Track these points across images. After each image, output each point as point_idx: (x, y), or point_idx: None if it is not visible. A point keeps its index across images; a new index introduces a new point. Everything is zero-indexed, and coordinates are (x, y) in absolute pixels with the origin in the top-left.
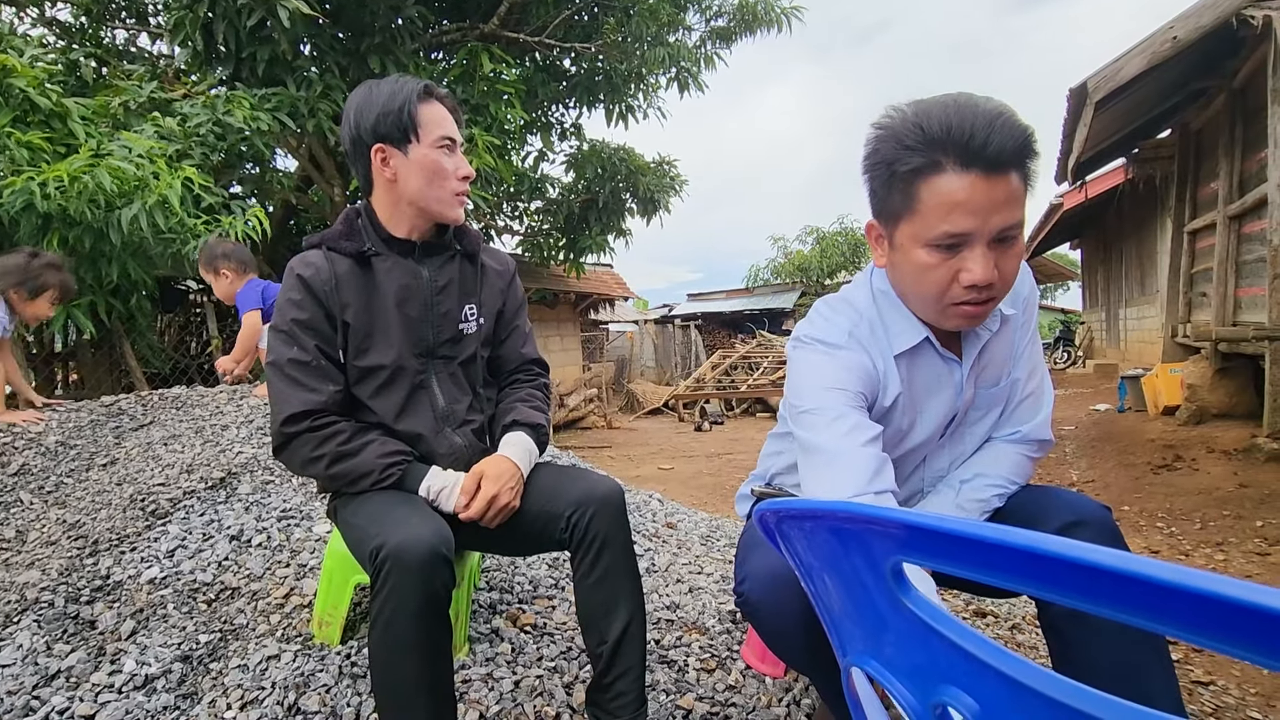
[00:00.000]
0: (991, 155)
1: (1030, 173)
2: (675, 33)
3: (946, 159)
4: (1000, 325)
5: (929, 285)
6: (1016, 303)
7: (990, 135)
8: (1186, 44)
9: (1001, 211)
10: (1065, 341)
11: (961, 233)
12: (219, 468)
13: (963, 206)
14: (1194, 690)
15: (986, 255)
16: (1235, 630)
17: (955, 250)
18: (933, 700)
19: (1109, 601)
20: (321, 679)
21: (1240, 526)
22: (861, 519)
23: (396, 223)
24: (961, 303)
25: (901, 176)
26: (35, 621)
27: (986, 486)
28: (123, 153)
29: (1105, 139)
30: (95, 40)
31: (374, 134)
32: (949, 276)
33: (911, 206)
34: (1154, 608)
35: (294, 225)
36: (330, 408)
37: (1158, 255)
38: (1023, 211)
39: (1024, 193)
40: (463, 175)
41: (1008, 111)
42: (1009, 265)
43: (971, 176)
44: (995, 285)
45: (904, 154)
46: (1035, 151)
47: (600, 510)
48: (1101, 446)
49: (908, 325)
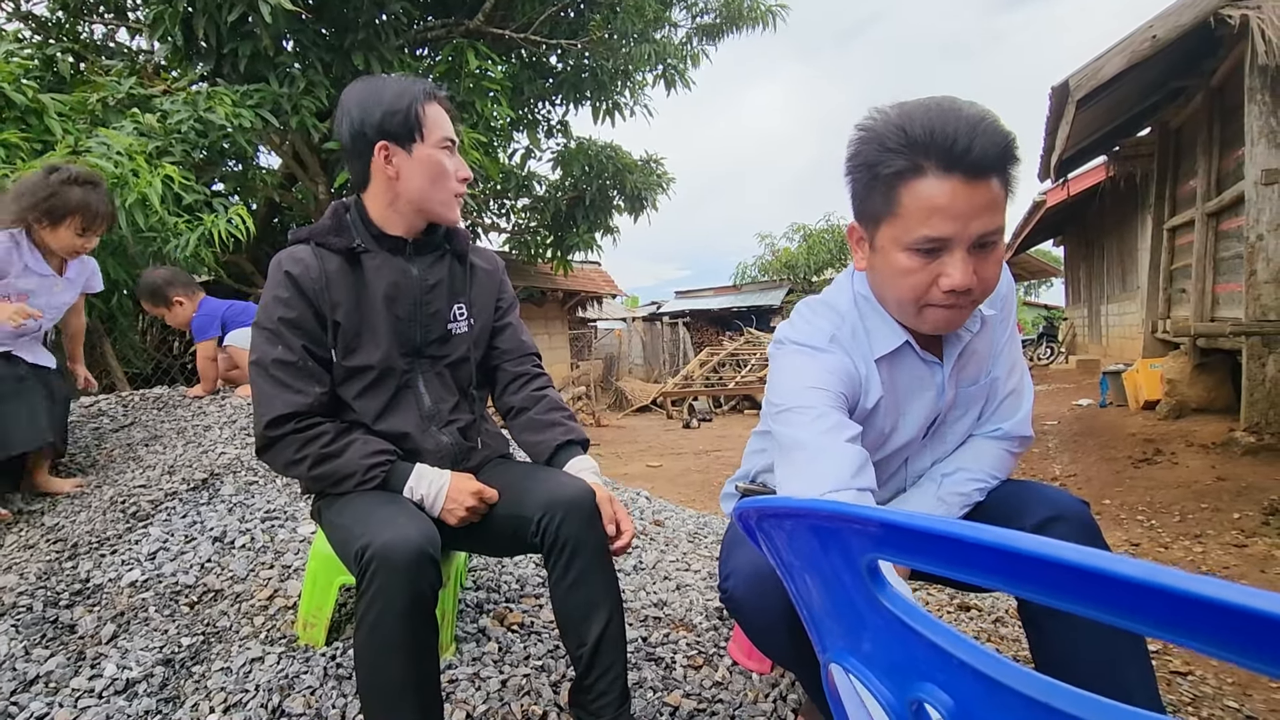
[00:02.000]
0: (973, 161)
1: (1011, 178)
2: (661, 29)
3: (928, 163)
4: (981, 326)
5: (907, 289)
6: (995, 302)
7: (973, 140)
8: (1166, 43)
9: (982, 217)
10: (1048, 337)
11: (941, 237)
12: (201, 469)
13: (943, 211)
14: (1172, 680)
15: (966, 260)
16: (1209, 629)
17: (935, 255)
18: (909, 697)
19: (1083, 599)
20: (306, 681)
21: (1218, 519)
22: (840, 517)
23: (391, 220)
24: (939, 305)
25: (883, 179)
26: (13, 626)
27: (968, 480)
28: (101, 150)
29: (1087, 137)
30: (72, 35)
31: (379, 130)
32: (928, 281)
33: (892, 209)
34: (1127, 606)
35: (278, 223)
36: (315, 409)
37: (1138, 252)
38: (1003, 217)
39: (1005, 198)
40: (462, 177)
41: (990, 117)
42: (988, 271)
43: (953, 181)
44: (974, 290)
45: (886, 156)
46: (1016, 158)
47: (569, 514)
48: (1084, 441)
49: (888, 329)
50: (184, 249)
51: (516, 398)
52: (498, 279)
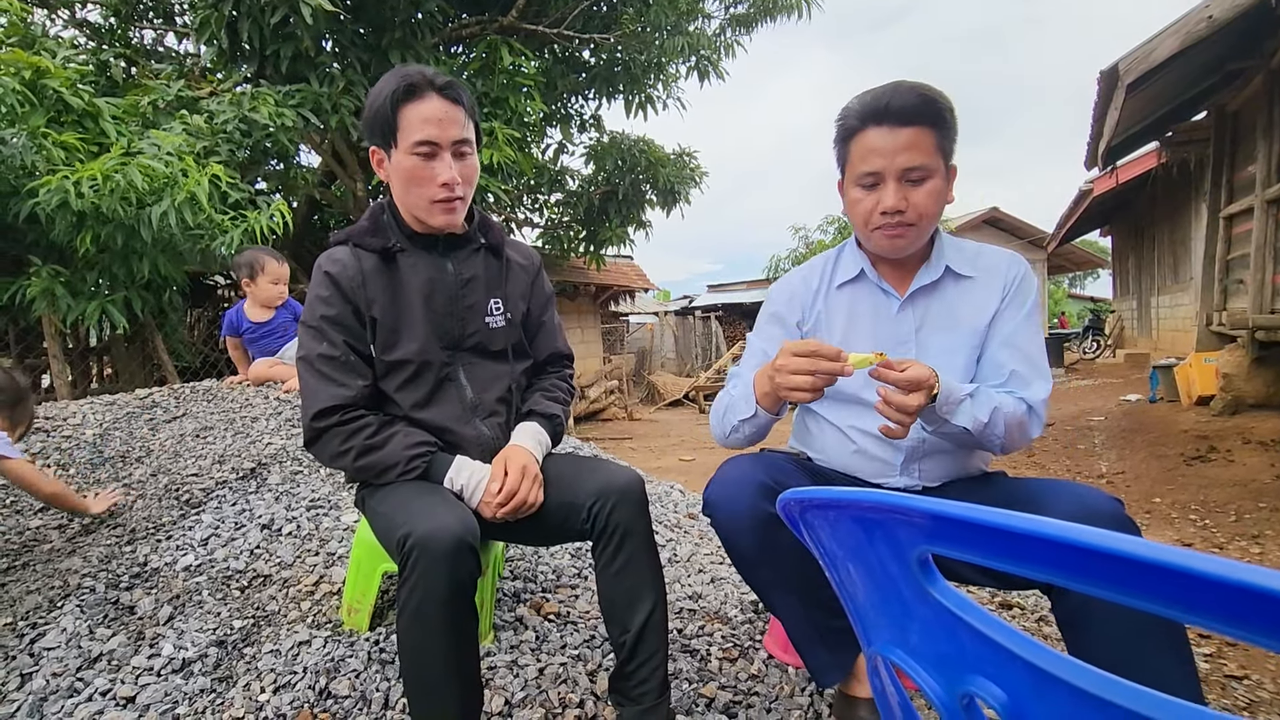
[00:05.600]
0: (894, 112)
1: (941, 130)
2: (694, 21)
3: (866, 122)
4: (944, 275)
5: (859, 215)
6: (977, 268)
7: (892, 99)
8: (1223, 23)
9: (905, 154)
10: (1095, 330)
11: (875, 171)
12: (249, 458)
13: (876, 151)
14: (1227, 685)
15: (897, 189)
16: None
17: (875, 188)
18: (960, 690)
19: (1139, 592)
20: (351, 664)
21: (1277, 519)
22: (886, 508)
23: (414, 219)
24: (882, 227)
25: (841, 140)
26: (78, 606)
27: (990, 389)
28: (152, 151)
29: (1137, 123)
30: (124, 40)
31: (368, 134)
32: (872, 207)
33: (848, 158)
34: (1184, 599)
35: (318, 220)
36: (359, 402)
37: (1191, 241)
38: (933, 160)
39: (933, 146)
40: (442, 182)
41: (914, 83)
42: (919, 199)
43: (881, 129)
44: (907, 212)
45: (844, 124)
46: (939, 111)
47: (621, 501)
48: (1132, 438)
49: (853, 261)
50: (229, 245)
51: (527, 391)
52: (534, 273)
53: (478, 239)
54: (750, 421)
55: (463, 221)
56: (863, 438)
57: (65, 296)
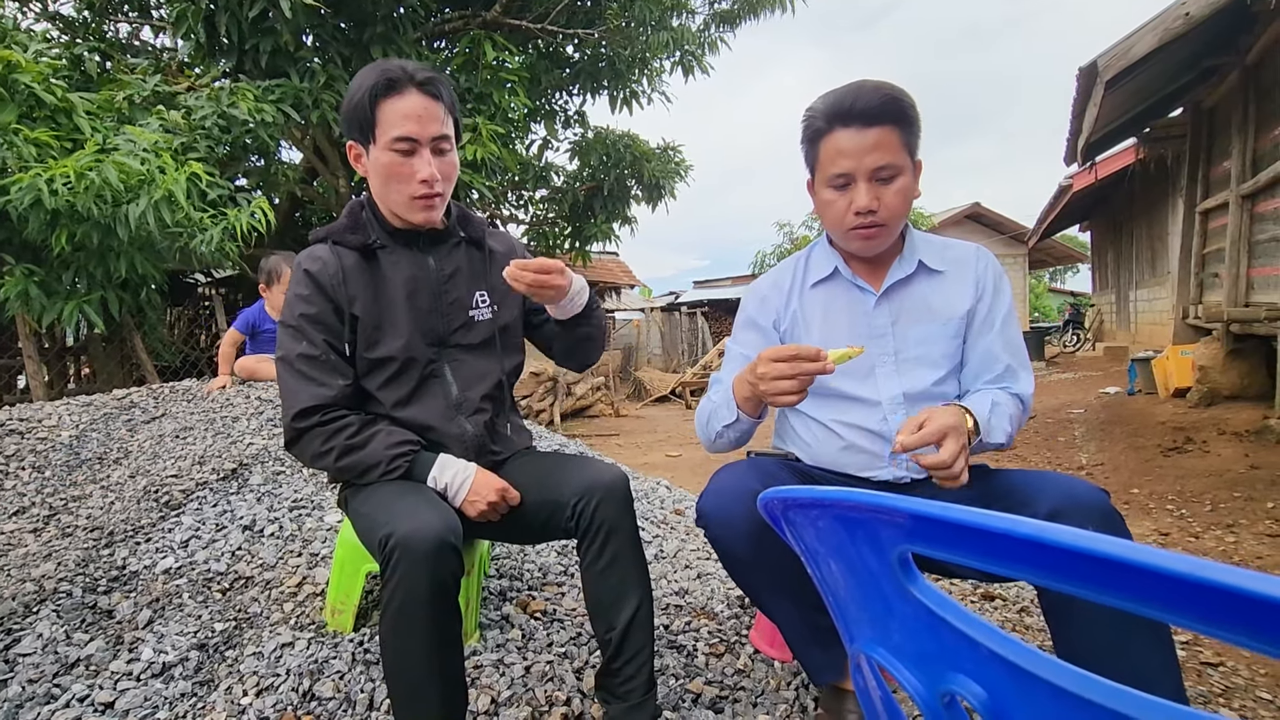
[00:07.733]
0: (859, 113)
1: (905, 128)
2: (679, 16)
3: (833, 124)
4: (917, 270)
5: (833, 217)
6: (946, 261)
7: (856, 100)
8: (1199, 20)
9: (874, 154)
10: (1074, 324)
11: (846, 172)
12: (230, 459)
13: (845, 153)
14: (1203, 671)
15: (869, 188)
16: (1240, 619)
17: (846, 188)
18: (941, 688)
19: (1115, 591)
20: (335, 666)
21: (1251, 508)
22: (868, 508)
23: (393, 215)
24: (854, 227)
25: (809, 141)
26: (54, 611)
27: (988, 395)
28: (128, 147)
29: (1115, 119)
30: (99, 34)
31: (347, 129)
32: (845, 207)
33: (817, 160)
34: (1160, 598)
35: (299, 217)
36: (340, 401)
37: (1169, 236)
38: (900, 157)
39: (899, 144)
40: (422, 178)
41: (877, 83)
42: (889, 198)
43: (848, 131)
44: (878, 211)
45: (810, 126)
46: (903, 110)
47: (606, 498)
48: (1111, 429)
49: (825, 260)
50: (209, 243)
51: None
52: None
53: (458, 233)
54: (734, 427)
55: (442, 217)
56: (849, 431)
57: (40, 296)
